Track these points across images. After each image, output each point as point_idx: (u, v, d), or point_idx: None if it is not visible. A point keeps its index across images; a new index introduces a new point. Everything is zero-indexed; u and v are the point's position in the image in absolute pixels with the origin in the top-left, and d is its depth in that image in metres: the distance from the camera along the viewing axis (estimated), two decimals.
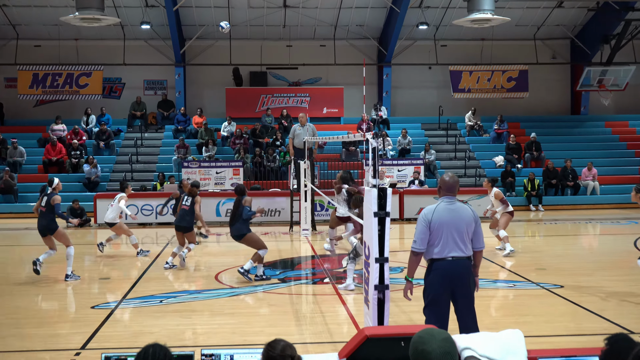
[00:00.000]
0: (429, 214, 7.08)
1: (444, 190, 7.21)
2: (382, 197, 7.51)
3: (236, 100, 31.51)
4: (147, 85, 32.78)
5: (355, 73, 32.30)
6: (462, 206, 7.12)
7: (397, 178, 25.63)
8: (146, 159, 28.90)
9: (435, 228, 6.98)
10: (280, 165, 27.19)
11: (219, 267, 14.47)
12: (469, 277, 7.00)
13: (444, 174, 7.30)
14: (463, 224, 6.98)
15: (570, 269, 14.07)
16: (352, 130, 28.87)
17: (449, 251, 6.94)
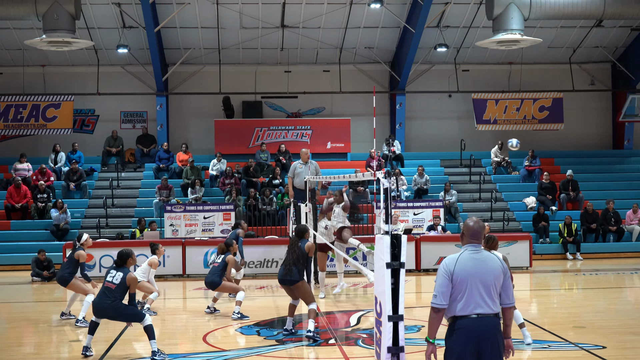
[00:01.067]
0: (450, 264, 7.06)
1: (467, 237, 7.20)
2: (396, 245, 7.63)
3: (227, 134, 31.73)
4: (125, 118, 33.02)
5: (364, 102, 32.52)
6: (489, 256, 7.13)
7: (412, 223, 25.68)
8: (123, 202, 29.02)
9: (458, 280, 6.97)
10: (277, 209, 27.30)
11: (207, 326, 14.49)
12: (497, 337, 6.99)
13: (468, 219, 7.31)
14: (490, 276, 6.98)
15: (614, 327, 14.10)
16: (360, 168, 29.03)
17: (474, 307, 6.93)
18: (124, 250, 12.15)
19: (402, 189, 28.38)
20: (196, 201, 27.31)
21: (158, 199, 27.62)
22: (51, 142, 31.06)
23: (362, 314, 15.67)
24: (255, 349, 12.41)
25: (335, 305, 17.51)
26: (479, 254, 7.09)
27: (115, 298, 11.62)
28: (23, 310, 18.00)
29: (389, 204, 7.86)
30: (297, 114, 33.11)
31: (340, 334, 13.50)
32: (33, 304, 19.40)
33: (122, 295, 11.71)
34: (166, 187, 27.90)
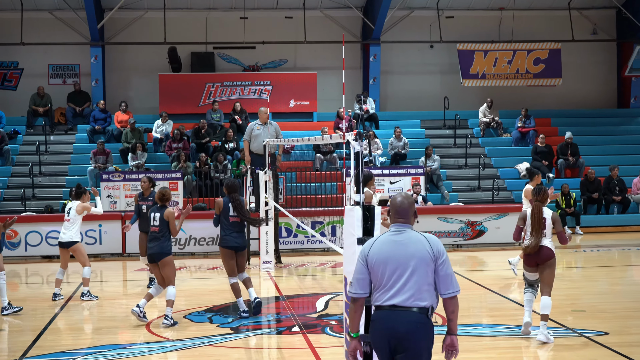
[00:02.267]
0: (366, 247, 7.03)
1: (393, 214, 7.08)
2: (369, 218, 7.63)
3: (173, 90, 31.57)
4: (54, 72, 32.73)
5: (333, 54, 32.47)
6: (414, 237, 6.96)
7: (389, 193, 25.76)
8: (53, 170, 28.81)
9: (372, 266, 6.92)
10: (233, 177, 27.25)
11: (153, 312, 14.49)
12: (416, 336, 6.83)
13: (396, 195, 7.18)
14: (411, 262, 6.84)
15: (617, 311, 14.28)
16: (328, 129, 29.02)
17: (389, 297, 6.86)
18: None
19: (376, 154, 28.42)
20: (138, 168, 27.18)
21: (93, 166, 27.45)
22: None
23: (330, 297, 15.74)
24: (207, 338, 12.44)
25: (299, 288, 17.62)
26: (400, 236, 6.95)
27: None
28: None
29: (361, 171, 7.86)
30: (254, 67, 32.99)
31: (304, 321, 13.55)
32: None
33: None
34: (103, 153, 27.73)
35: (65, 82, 32.58)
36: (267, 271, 19.20)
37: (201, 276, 19.59)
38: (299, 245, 23.28)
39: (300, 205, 24.45)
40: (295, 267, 20.44)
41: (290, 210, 19.67)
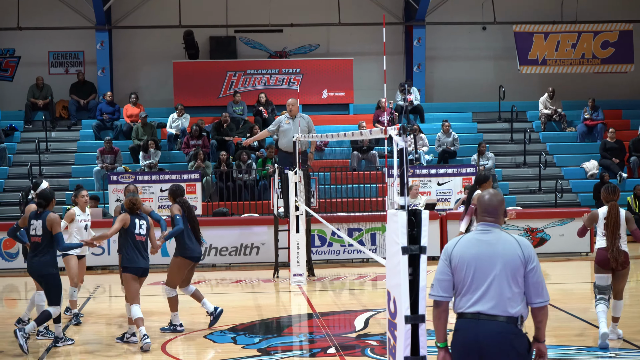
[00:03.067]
0: (450, 245, 7.17)
1: (480, 212, 7.23)
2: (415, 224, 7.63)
3: (190, 80, 31.67)
4: (54, 60, 32.94)
5: (371, 37, 32.45)
6: (503, 238, 7.07)
7: (436, 196, 25.72)
8: (54, 171, 29.01)
9: (456, 268, 7.05)
10: (258, 178, 27.32)
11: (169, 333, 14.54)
12: (503, 350, 6.87)
13: (484, 192, 7.32)
14: (499, 264, 6.93)
15: None
16: (366, 123, 29.01)
17: (473, 304, 6.96)
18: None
19: (421, 151, 28.39)
20: (150, 169, 27.31)
21: (100, 166, 27.61)
22: None
23: (370, 314, 15.75)
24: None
25: (335, 304, 17.64)
26: (487, 235, 7.07)
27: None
28: None
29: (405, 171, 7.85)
30: (282, 53, 33.03)
31: (341, 341, 13.56)
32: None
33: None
34: (111, 151, 27.88)
35: (67, 71, 32.78)
36: (299, 285, 19.20)
37: (223, 291, 19.66)
38: (334, 256, 23.30)
39: (336, 210, 24.42)
40: (330, 281, 20.45)
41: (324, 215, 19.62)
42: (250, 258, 23.11)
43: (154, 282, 20.23)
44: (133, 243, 13.42)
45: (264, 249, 22.97)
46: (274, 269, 20.93)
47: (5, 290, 21.17)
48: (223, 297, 18.51)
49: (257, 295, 18.89)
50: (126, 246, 13.50)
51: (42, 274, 13.09)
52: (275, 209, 21.04)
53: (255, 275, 21.50)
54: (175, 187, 14.73)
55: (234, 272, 22.33)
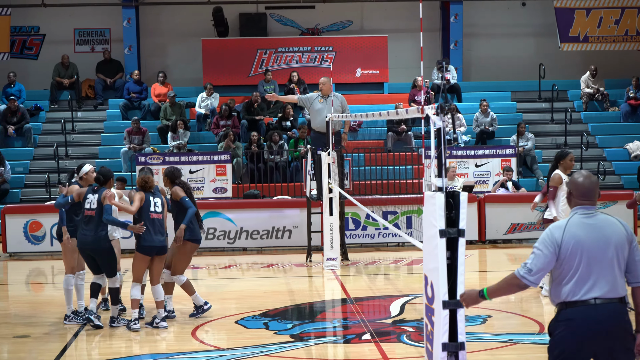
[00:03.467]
0: (557, 232, 7.04)
1: (576, 196, 7.21)
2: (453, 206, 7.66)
3: (219, 58, 31.71)
4: (80, 38, 33.07)
5: (406, 14, 32.39)
6: (607, 219, 7.13)
7: (474, 177, 25.68)
8: (80, 152, 29.16)
9: (567, 254, 6.98)
10: (290, 160, 27.36)
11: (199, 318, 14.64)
12: (624, 330, 6.98)
13: (576, 173, 7.31)
14: (611, 247, 6.99)
15: None
16: (402, 102, 28.99)
17: (589, 290, 6.94)
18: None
19: (459, 132, 28.33)
20: (179, 149, 27.40)
21: (127, 146, 27.72)
22: None
23: (406, 300, 15.78)
24: (263, 347, 12.53)
25: (369, 289, 17.67)
26: (592, 218, 7.09)
27: None
28: None
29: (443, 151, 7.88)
30: (314, 30, 33.03)
31: (376, 327, 13.60)
32: None
33: None
34: (138, 131, 27.97)
35: (93, 49, 32.92)
36: (332, 269, 19.22)
37: (254, 275, 19.74)
38: (368, 239, 23.34)
39: (370, 193, 24.44)
40: (365, 265, 20.50)
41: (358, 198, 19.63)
42: (282, 242, 23.16)
43: None
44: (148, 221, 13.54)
45: (296, 233, 23.02)
46: (306, 253, 20.96)
47: (32, 274, 21.33)
48: (254, 282, 18.61)
49: (289, 280, 18.95)
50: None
51: (96, 248, 13.44)
52: (307, 191, 21.06)
53: (287, 259, 21.56)
54: (173, 169, 14.70)
55: (265, 256, 22.40)
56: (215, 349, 12.57)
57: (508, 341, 12.49)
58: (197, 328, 13.84)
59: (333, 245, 19.42)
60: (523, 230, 23.33)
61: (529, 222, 22.90)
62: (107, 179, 13.69)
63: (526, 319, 14.05)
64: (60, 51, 31.95)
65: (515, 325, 13.85)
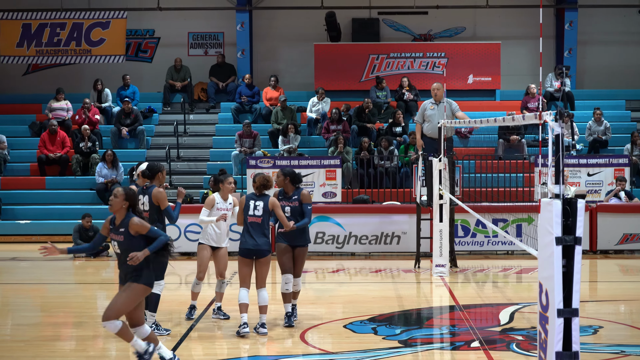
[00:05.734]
0: None
1: None
2: (571, 213, 7.54)
3: (331, 63, 31.78)
4: (194, 41, 33.41)
5: (519, 20, 32.12)
6: None
7: (586, 186, 25.36)
8: (192, 154, 29.47)
9: None
10: (400, 165, 27.30)
11: (307, 320, 14.65)
12: None
13: None
14: None
15: None
16: (514, 110, 28.76)
17: None
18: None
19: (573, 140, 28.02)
20: (290, 153, 27.50)
21: (238, 150, 27.91)
22: (97, 73, 31.65)
23: (515, 308, 15.60)
24: (371, 352, 12.49)
25: (478, 296, 17.53)
26: None
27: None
28: (63, 295, 18.51)
29: (562, 157, 7.75)
30: (426, 36, 32.92)
31: (485, 335, 13.48)
32: (75, 287, 19.97)
33: None
34: (249, 135, 28.15)
35: (207, 53, 33.22)
36: (441, 276, 19.14)
37: (362, 280, 19.71)
38: (477, 247, 23.15)
39: (480, 200, 24.28)
40: (474, 272, 20.33)
41: (469, 204, 19.49)
42: (391, 247, 23.09)
43: None
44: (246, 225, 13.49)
45: (405, 238, 22.93)
46: (415, 258, 20.90)
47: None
48: (362, 287, 18.56)
49: (397, 286, 18.86)
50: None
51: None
52: (417, 196, 21.01)
53: (395, 265, 21.48)
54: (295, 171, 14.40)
55: (373, 261, 22.34)
56: (323, 352, 12.56)
57: (620, 352, 12.27)
58: (306, 331, 13.83)
59: (442, 252, 19.32)
60: (636, 240, 22.97)
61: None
62: (154, 172, 13.51)
63: (638, 331, 13.80)
64: (174, 54, 32.34)
65: (627, 337, 13.62)
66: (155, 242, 10.91)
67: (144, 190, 13.43)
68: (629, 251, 23.19)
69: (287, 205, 13.85)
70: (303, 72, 32.53)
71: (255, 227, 13.43)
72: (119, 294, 10.95)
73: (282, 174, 13.99)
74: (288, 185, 13.97)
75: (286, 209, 13.77)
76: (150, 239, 10.94)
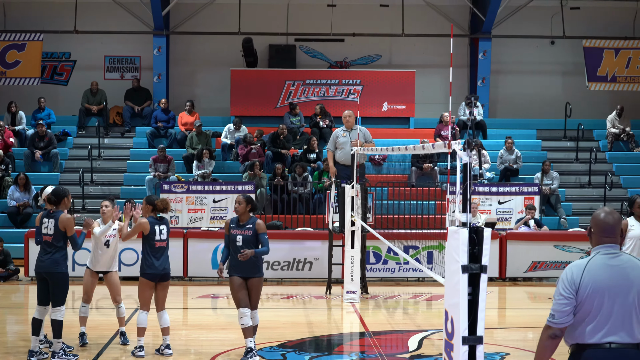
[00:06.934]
0: (576, 272, 6.87)
1: (598, 234, 6.98)
2: (476, 242, 7.55)
3: (247, 89, 31.76)
4: (110, 65, 33.21)
5: (435, 49, 32.37)
6: (631, 262, 6.90)
7: (497, 214, 25.56)
8: (106, 178, 29.19)
9: (587, 296, 6.79)
10: (313, 192, 27.30)
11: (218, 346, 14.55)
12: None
13: (599, 210, 7.08)
14: (632, 292, 6.78)
15: None
16: (427, 137, 28.91)
17: (607, 334, 6.77)
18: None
19: (484, 168, 28.25)
20: (204, 178, 27.38)
21: (152, 174, 27.72)
22: (11, 96, 31.24)
23: (424, 335, 15.68)
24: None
25: (388, 323, 17.57)
26: (616, 259, 6.88)
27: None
28: None
29: (469, 186, 7.76)
30: (343, 63, 33.05)
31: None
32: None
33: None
34: (164, 159, 27.98)
35: (123, 76, 33.05)
36: (352, 302, 19.13)
37: (274, 306, 19.60)
38: (388, 274, 23.19)
39: (392, 227, 24.34)
40: (384, 299, 20.36)
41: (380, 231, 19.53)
42: (303, 273, 23.03)
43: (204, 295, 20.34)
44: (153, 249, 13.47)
45: (317, 265, 22.89)
46: (326, 285, 20.86)
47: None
48: (274, 313, 18.45)
49: (308, 312, 18.82)
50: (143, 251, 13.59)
51: (50, 272, 13.02)
52: (330, 223, 20.99)
53: (307, 291, 21.44)
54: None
55: (285, 287, 22.27)
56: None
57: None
58: (216, 357, 13.73)
59: (353, 279, 19.35)
60: (544, 268, 23.19)
61: (550, 261, 22.87)
62: (60, 198, 13.33)
63: None
64: (90, 78, 32.09)
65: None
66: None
67: (49, 214, 13.23)
68: (537, 278, 23.38)
69: (240, 234, 13.24)
70: (219, 98, 32.46)
71: (161, 251, 13.38)
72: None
73: (244, 201, 13.31)
74: (246, 213, 13.31)
75: (238, 238, 13.20)
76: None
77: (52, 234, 13.11)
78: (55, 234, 13.10)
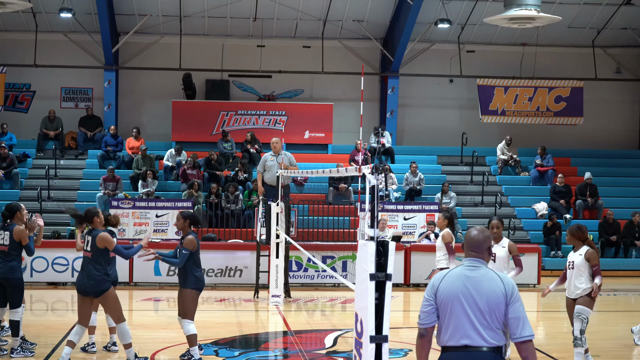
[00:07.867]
0: (437, 280, 6.91)
1: (467, 248, 7.00)
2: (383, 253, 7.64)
3: (186, 117, 31.73)
4: (66, 95, 32.92)
5: (350, 85, 32.53)
6: (489, 275, 6.82)
7: (402, 229, 25.78)
8: (61, 195, 28.92)
9: (442, 301, 6.80)
10: (244, 208, 27.32)
11: (158, 343, 14.51)
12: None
13: (472, 228, 7.11)
14: (482, 300, 6.70)
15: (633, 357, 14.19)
16: (343, 162, 29.08)
17: (461, 337, 6.71)
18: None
19: (391, 189, 28.47)
20: (147, 196, 27.29)
21: (103, 192, 27.57)
22: None
23: (339, 334, 15.73)
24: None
25: (308, 323, 17.61)
26: (474, 271, 6.84)
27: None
28: None
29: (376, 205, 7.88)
30: (270, 96, 33.12)
31: (312, 357, 13.54)
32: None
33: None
34: (113, 179, 27.85)
35: (77, 105, 32.78)
36: (276, 305, 19.14)
37: (208, 308, 19.55)
38: (309, 280, 23.25)
39: (312, 239, 24.46)
40: (305, 302, 20.41)
41: (302, 243, 19.64)
42: (234, 279, 22.99)
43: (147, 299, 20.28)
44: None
45: (247, 272, 22.86)
46: (254, 290, 20.84)
47: None
48: (209, 314, 18.42)
49: (238, 313, 18.86)
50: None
51: (7, 277, 13.02)
52: (258, 236, 21.02)
53: (237, 295, 21.41)
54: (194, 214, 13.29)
55: (219, 291, 22.21)
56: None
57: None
58: (156, 353, 13.69)
59: (278, 284, 19.35)
60: None
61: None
62: (12, 212, 13.09)
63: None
64: (48, 106, 31.78)
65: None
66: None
67: (4, 227, 13.17)
68: None
69: (178, 245, 12.53)
70: (162, 125, 32.36)
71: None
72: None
73: (181, 217, 12.53)
74: (187, 228, 12.46)
75: (177, 249, 12.48)
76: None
77: (7, 244, 13.06)
78: (11, 243, 13.05)
